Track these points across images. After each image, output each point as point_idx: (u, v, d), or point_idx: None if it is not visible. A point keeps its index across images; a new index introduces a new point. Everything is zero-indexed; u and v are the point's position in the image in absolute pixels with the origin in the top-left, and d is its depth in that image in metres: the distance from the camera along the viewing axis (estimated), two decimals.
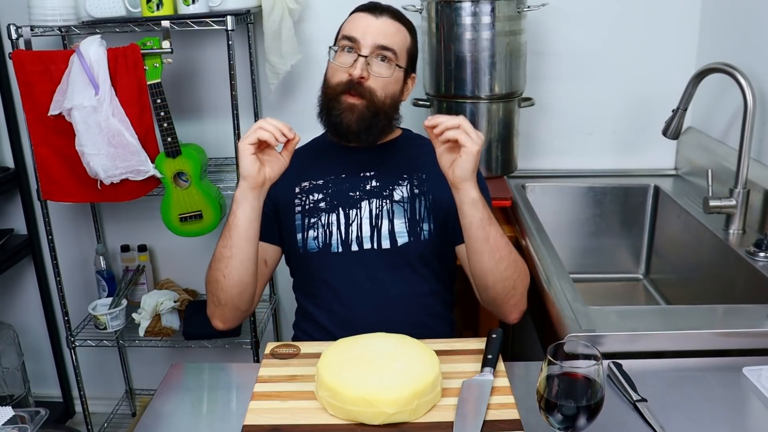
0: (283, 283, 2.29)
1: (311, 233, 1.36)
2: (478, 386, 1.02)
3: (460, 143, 1.12)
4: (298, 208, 1.38)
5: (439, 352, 1.07)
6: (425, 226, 1.35)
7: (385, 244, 1.34)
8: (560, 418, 0.83)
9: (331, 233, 1.35)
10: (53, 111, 1.75)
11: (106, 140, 1.75)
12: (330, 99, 1.34)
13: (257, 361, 2.03)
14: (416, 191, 1.36)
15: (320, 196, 1.38)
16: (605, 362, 0.96)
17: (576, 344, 0.86)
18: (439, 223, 1.35)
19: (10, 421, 1.00)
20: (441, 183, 1.31)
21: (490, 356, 1.08)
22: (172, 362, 1.21)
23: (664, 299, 1.83)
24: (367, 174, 1.39)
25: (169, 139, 1.82)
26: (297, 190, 1.39)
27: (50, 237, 2.00)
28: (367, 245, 1.34)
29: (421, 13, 1.80)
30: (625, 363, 1.09)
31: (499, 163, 1.85)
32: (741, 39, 1.74)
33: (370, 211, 1.35)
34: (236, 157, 1.39)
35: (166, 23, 1.76)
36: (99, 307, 2.05)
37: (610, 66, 1.99)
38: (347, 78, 1.31)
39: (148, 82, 1.77)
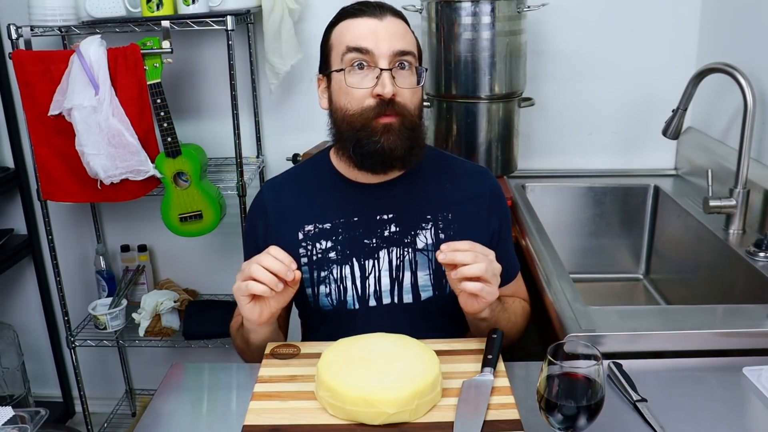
0: None
1: (323, 289, 1.21)
2: (478, 386, 1.02)
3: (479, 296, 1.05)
4: (304, 259, 1.21)
5: (439, 352, 1.07)
6: None
7: (407, 298, 1.20)
8: (560, 418, 0.83)
9: (345, 289, 1.21)
10: (53, 111, 1.75)
11: (106, 140, 1.75)
12: (359, 129, 1.14)
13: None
14: (442, 236, 1.20)
15: (329, 244, 1.21)
16: (605, 362, 0.96)
17: (576, 344, 0.86)
18: None
19: (10, 421, 1.00)
20: (470, 225, 1.24)
21: (490, 356, 1.08)
22: (172, 362, 1.20)
23: (664, 299, 1.83)
24: (385, 217, 1.21)
25: (169, 139, 1.82)
26: (300, 235, 1.22)
27: (50, 237, 2.00)
28: (386, 300, 1.20)
29: (421, 13, 1.80)
30: (625, 363, 1.09)
31: (499, 163, 1.85)
32: (741, 39, 1.74)
33: (390, 261, 1.20)
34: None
35: (166, 23, 1.76)
36: (99, 307, 2.05)
37: (610, 66, 1.99)
38: (375, 101, 1.12)
39: (148, 82, 1.77)
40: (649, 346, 1.15)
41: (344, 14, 1.19)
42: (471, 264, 1.03)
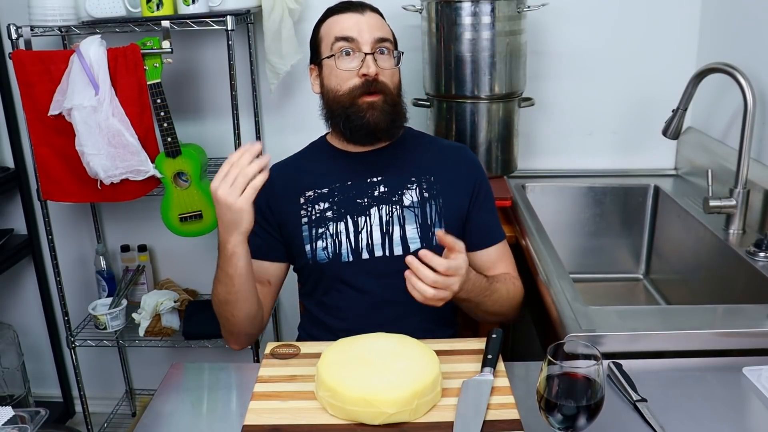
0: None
1: (320, 243, 1.33)
2: (478, 386, 1.02)
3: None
4: (305, 219, 1.35)
5: (439, 352, 1.07)
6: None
7: (398, 250, 1.32)
8: (560, 418, 0.83)
9: (340, 242, 1.32)
10: (53, 111, 1.75)
11: (106, 140, 1.75)
12: (347, 106, 1.30)
13: (257, 361, 2.03)
14: (426, 195, 1.35)
15: (326, 205, 1.34)
16: (605, 362, 0.96)
17: (576, 344, 0.86)
18: (450, 228, 1.33)
19: (10, 421, 1.00)
20: (451, 186, 1.36)
21: (490, 356, 1.08)
22: (172, 362, 1.20)
23: (664, 299, 1.83)
24: (374, 179, 1.35)
25: (169, 139, 1.82)
26: (302, 200, 1.36)
27: (50, 237, 2.00)
28: (378, 252, 1.32)
29: (421, 13, 1.80)
30: (625, 363, 1.09)
31: (499, 163, 1.85)
32: (741, 39, 1.74)
33: (380, 217, 1.33)
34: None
35: (166, 23, 1.76)
36: (99, 307, 2.05)
37: (610, 66, 1.99)
38: (361, 80, 1.29)
39: (148, 82, 1.77)
40: (649, 346, 1.15)
41: (330, 12, 1.36)
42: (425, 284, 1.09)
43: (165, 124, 1.81)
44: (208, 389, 1.15)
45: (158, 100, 1.79)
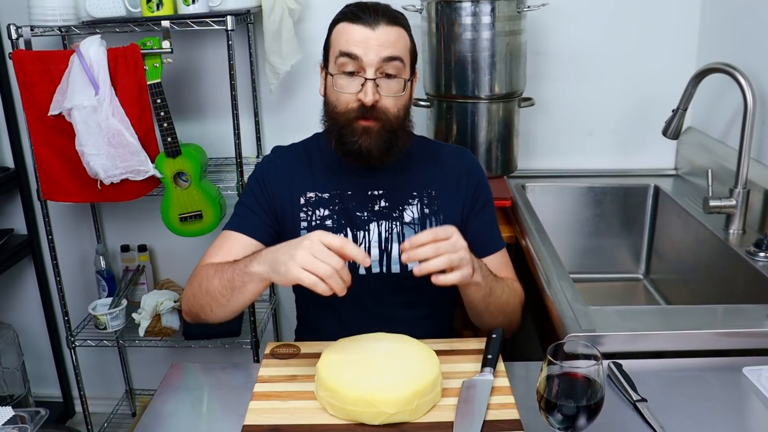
0: None
1: None
2: (478, 386, 1.02)
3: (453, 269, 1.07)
4: (304, 223, 1.30)
5: (439, 352, 1.07)
6: None
7: (395, 268, 1.29)
8: (560, 418, 0.83)
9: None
10: (53, 111, 1.75)
11: (106, 140, 1.75)
12: (342, 126, 1.23)
13: (257, 361, 2.03)
14: (427, 210, 1.31)
15: (327, 212, 1.30)
16: (605, 362, 0.96)
17: (576, 344, 0.86)
18: None
19: (10, 421, 1.00)
20: (451, 200, 1.32)
21: (490, 356, 1.08)
22: (172, 362, 1.20)
23: (664, 299, 1.84)
24: (375, 193, 1.31)
25: (169, 139, 1.82)
26: (302, 200, 1.31)
27: (50, 237, 2.00)
28: (375, 269, 1.29)
29: (421, 13, 1.80)
30: (625, 363, 1.09)
31: (499, 163, 1.85)
32: (741, 39, 1.74)
33: (380, 234, 1.29)
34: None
35: (166, 23, 1.76)
36: (99, 307, 2.05)
37: (610, 66, 1.99)
38: (357, 104, 1.21)
39: (148, 82, 1.77)
40: (649, 346, 1.15)
41: (344, 16, 1.25)
42: (433, 258, 1.05)
43: (165, 124, 1.81)
44: (208, 389, 1.15)
45: (158, 100, 1.79)
